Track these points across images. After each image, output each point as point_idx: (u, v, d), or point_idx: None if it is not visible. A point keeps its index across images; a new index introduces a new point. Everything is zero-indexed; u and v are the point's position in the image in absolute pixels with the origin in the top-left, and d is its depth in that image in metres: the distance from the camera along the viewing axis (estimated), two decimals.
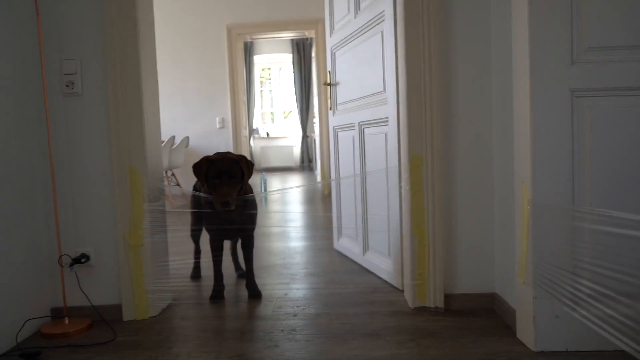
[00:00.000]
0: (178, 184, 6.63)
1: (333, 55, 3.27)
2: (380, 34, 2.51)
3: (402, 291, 2.44)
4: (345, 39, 3.02)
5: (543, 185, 1.70)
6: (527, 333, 1.79)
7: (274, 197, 6.83)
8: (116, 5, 2.15)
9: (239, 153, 6.75)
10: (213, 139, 6.90)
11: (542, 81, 1.67)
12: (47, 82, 2.18)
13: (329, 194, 6.36)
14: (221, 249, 2.50)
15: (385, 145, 2.53)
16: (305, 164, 11.38)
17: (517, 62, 1.78)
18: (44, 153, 2.21)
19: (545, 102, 1.68)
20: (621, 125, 1.66)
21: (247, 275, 2.52)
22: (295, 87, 11.13)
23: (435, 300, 2.19)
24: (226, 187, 2.21)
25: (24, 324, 2.05)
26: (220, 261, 2.48)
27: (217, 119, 6.85)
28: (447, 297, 2.20)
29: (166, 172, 6.31)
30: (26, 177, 2.14)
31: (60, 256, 2.19)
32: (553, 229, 1.69)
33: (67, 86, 2.20)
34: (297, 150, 11.54)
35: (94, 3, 2.17)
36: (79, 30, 2.20)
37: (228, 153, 2.34)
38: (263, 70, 11.71)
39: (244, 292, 2.53)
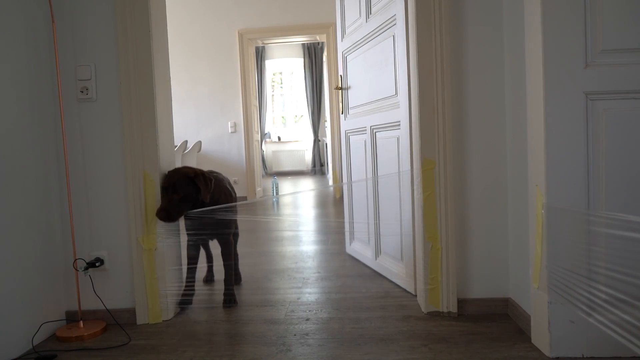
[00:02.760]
0: None
1: (344, 59, 3.27)
2: (392, 37, 2.51)
3: (415, 296, 2.43)
4: (356, 43, 3.02)
5: (557, 188, 1.68)
6: (542, 339, 1.77)
7: (285, 200, 6.84)
8: (130, 12, 2.18)
9: (243, 156, 6.78)
10: (225, 144, 6.94)
11: (555, 84, 1.66)
12: (62, 88, 2.21)
13: (341, 198, 6.36)
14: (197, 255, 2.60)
15: (397, 149, 2.52)
16: (317, 167, 11.39)
17: (530, 65, 1.77)
18: (59, 158, 2.24)
19: (559, 105, 1.66)
20: (637, 128, 1.64)
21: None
22: (306, 91, 11.16)
23: (448, 305, 2.18)
24: (166, 201, 2.22)
25: (39, 328, 2.08)
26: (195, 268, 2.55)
27: (229, 123, 6.89)
28: (461, 302, 2.19)
29: None
30: (42, 182, 2.17)
31: (75, 260, 2.21)
32: (568, 233, 1.68)
33: (82, 92, 2.23)
34: (308, 154, 11.56)
35: (108, 10, 2.20)
36: (94, 37, 2.23)
37: (186, 168, 2.34)
38: (274, 74, 11.76)
39: (256, 297, 2.54)
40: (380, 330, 2.05)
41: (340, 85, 3.33)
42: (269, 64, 11.39)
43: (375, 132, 2.83)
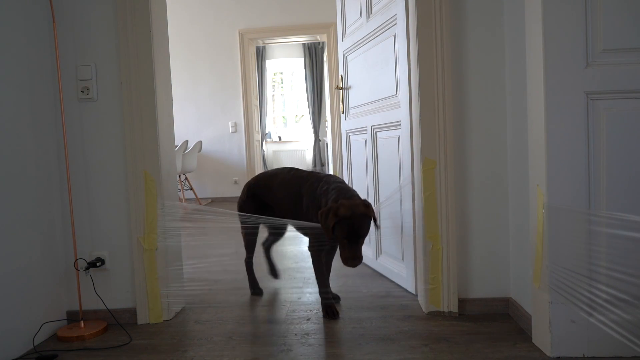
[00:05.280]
0: (191, 189, 6.67)
1: (345, 59, 3.27)
2: (393, 37, 2.51)
3: (416, 295, 2.42)
4: (357, 43, 3.02)
5: (558, 188, 1.68)
6: (543, 338, 1.77)
7: None
8: (130, 12, 2.18)
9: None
10: (226, 144, 6.95)
11: (556, 84, 1.66)
12: (63, 88, 2.21)
13: None
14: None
15: (398, 149, 2.52)
16: (318, 167, 11.38)
17: (531, 65, 1.77)
18: (60, 158, 2.24)
19: (559, 105, 1.66)
20: (638, 128, 1.64)
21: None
22: (307, 91, 11.15)
23: (449, 304, 2.18)
24: (356, 247, 2.01)
25: (40, 327, 2.08)
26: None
27: (230, 123, 6.89)
28: (461, 302, 2.19)
29: (179, 176, 6.35)
30: (43, 182, 2.17)
31: (76, 260, 2.21)
32: (568, 232, 1.68)
33: (83, 92, 2.23)
34: (309, 154, 11.54)
35: (109, 10, 2.20)
36: (94, 37, 2.23)
37: (355, 200, 2.06)
38: (275, 74, 11.75)
39: (257, 297, 2.53)
40: (381, 330, 2.05)
41: (340, 85, 3.33)
42: (269, 64, 11.38)
43: (376, 132, 2.83)
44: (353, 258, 1.99)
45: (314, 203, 2.23)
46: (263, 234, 2.69)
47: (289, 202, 2.34)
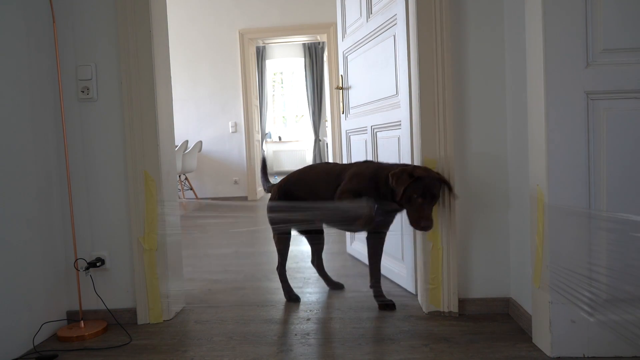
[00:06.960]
0: (191, 188, 6.67)
1: (345, 59, 3.27)
2: (393, 37, 2.51)
3: (416, 295, 2.42)
4: (357, 43, 3.02)
5: (558, 188, 1.68)
6: (543, 338, 1.77)
7: None
8: (130, 12, 2.18)
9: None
10: (226, 143, 6.95)
11: (556, 84, 1.66)
12: (63, 88, 2.21)
13: None
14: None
15: (398, 149, 2.52)
16: None
17: (531, 65, 1.77)
18: (60, 158, 2.24)
19: (559, 105, 1.66)
20: (638, 128, 1.64)
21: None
22: (307, 90, 11.15)
23: (449, 304, 2.18)
24: (429, 210, 2.01)
25: (40, 327, 2.08)
26: None
27: (230, 123, 6.89)
28: (461, 302, 2.19)
29: (179, 176, 6.35)
30: (43, 182, 2.17)
31: (76, 260, 2.21)
32: (569, 232, 1.67)
33: (83, 92, 2.23)
34: (309, 154, 11.55)
35: (109, 10, 2.20)
36: (94, 37, 2.23)
37: (431, 170, 2.08)
38: (275, 74, 11.75)
39: (257, 297, 2.53)
40: (381, 330, 2.05)
41: (340, 85, 3.33)
42: (269, 64, 11.38)
43: (376, 132, 2.83)
44: (426, 218, 1.98)
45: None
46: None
47: (331, 189, 2.23)
